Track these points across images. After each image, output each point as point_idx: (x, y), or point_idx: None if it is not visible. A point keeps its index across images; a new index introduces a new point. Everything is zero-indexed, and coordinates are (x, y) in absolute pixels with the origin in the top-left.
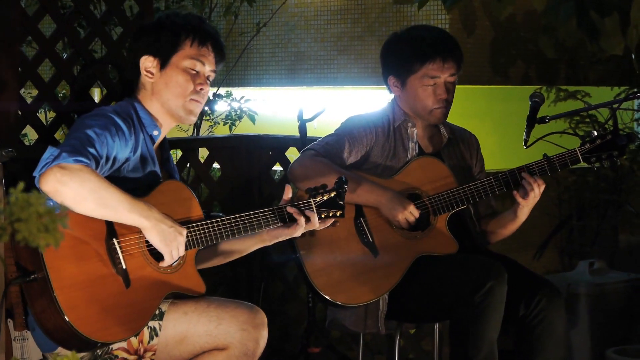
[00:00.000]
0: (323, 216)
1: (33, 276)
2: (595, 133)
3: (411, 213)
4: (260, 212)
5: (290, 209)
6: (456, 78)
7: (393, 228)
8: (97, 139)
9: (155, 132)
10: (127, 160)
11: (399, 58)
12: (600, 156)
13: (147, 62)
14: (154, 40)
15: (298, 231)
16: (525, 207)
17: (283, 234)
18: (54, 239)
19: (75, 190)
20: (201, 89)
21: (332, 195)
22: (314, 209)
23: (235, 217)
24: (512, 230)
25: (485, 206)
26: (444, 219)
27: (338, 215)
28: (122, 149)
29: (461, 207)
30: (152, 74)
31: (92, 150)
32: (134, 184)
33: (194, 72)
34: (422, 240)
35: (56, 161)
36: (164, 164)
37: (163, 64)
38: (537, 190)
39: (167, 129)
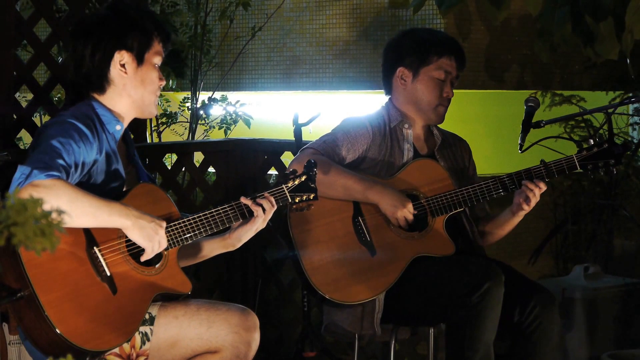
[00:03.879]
0: (297, 200)
1: (19, 294)
2: (592, 141)
3: (410, 212)
4: (235, 204)
5: (244, 200)
6: (456, 82)
7: (391, 228)
8: (62, 148)
9: (118, 127)
10: (95, 162)
11: (416, 48)
12: (597, 164)
13: (125, 58)
14: (127, 34)
15: (258, 222)
16: (525, 211)
17: (245, 231)
18: (50, 243)
19: (52, 205)
20: (161, 85)
21: (302, 179)
22: (287, 194)
23: (212, 212)
24: (508, 230)
25: (480, 209)
26: (442, 221)
27: (312, 198)
28: (88, 153)
29: (459, 210)
30: (125, 70)
31: (60, 161)
32: (100, 184)
33: (157, 67)
34: (419, 241)
35: (29, 179)
36: (130, 159)
37: (140, 60)
38: (538, 194)
39: (127, 122)
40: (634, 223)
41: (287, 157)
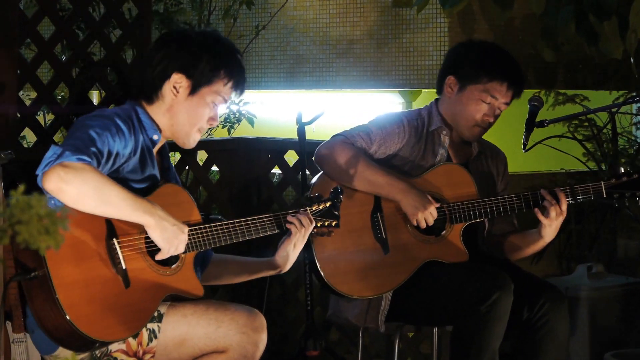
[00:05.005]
0: (319, 225)
1: (34, 274)
2: (622, 170)
3: (431, 214)
4: (258, 218)
5: (290, 218)
6: (506, 108)
7: (408, 228)
8: (98, 138)
9: (155, 137)
10: (127, 160)
11: (471, 62)
12: (624, 194)
13: (180, 81)
14: (194, 62)
15: (299, 239)
16: (548, 227)
17: (284, 249)
18: (55, 241)
19: (78, 188)
20: (211, 124)
21: (327, 205)
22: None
23: (233, 222)
24: (537, 249)
25: (508, 223)
26: (459, 229)
27: (333, 225)
28: (122, 149)
29: (478, 220)
30: (177, 92)
31: (93, 149)
32: (133, 185)
33: (213, 105)
34: (434, 245)
35: (59, 159)
36: (164, 172)
37: (193, 90)
38: (559, 209)
39: (165, 138)
40: (637, 222)
41: (290, 156)
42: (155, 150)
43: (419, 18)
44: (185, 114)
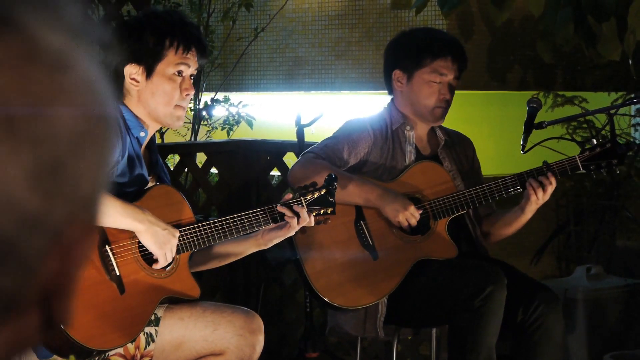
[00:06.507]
0: (314, 214)
1: None
2: (595, 141)
3: (412, 214)
4: (252, 213)
5: (281, 209)
6: (457, 83)
7: (393, 231)
8: None
9: (142, 134)
10: (115, 164)
11: (410, 50)
12: (600, 164)
13: (132, 70)
14: (138, 47)
15: (291, 231)
16: (535, 205)
17: (278, 236)
18: None
19: None
20: (187, 95)
21: (322, 192)
22: (305, 207)
23: (227, 219)
24: (516, 229)
25: (487, 207)
26: (444, 224)
27: (329, 212)
28: None
29: (461, 212)
30: (137, 81)
31: None
32: (123, 188)
33: (180, 77)
34: (421, 244)
35: None
36: (153, 167)
37: (149, 73)
38: (549, 190)
39: (153, 130)
40: (636, 224)
41: (289, 158)
42: (142, 147)
43: (417, 20)
44: (153, 98)
